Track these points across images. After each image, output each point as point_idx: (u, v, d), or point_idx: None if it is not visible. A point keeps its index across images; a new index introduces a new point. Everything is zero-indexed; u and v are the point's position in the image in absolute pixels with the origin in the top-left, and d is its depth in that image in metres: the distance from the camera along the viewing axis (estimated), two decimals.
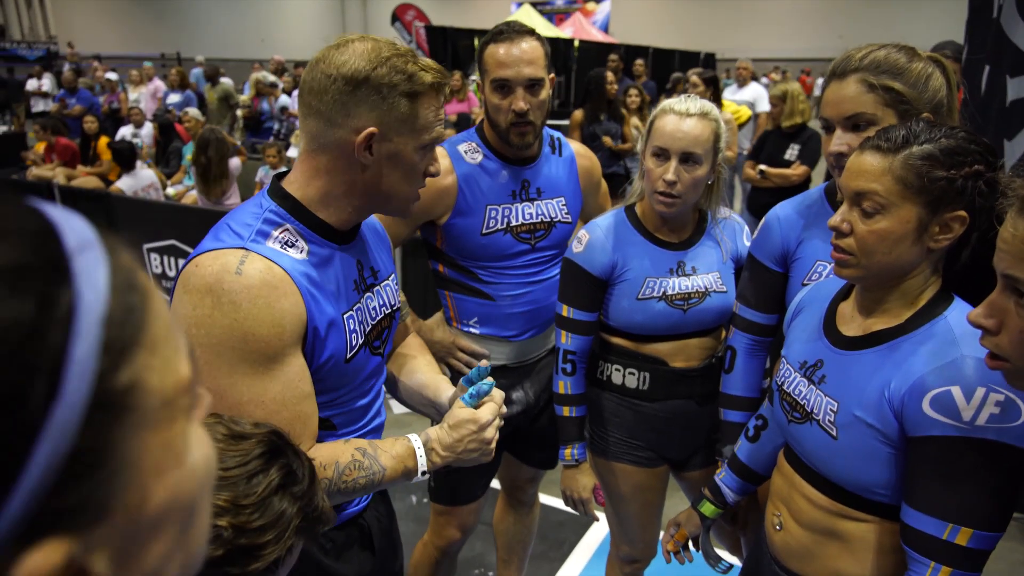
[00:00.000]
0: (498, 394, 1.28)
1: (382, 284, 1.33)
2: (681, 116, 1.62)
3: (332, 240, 1.20)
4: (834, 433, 1.16)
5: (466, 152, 1.88)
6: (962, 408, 1.02)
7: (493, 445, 1.24)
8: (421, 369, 1.49)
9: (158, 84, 10.28)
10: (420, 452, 1.20)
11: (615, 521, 1.96)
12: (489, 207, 1.86)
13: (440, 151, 1.88)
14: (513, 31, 1.80)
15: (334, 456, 1.14)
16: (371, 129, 1.11)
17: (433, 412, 1.44)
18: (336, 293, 1.18)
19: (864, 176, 1.11)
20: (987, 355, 0.92)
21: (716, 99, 5.37)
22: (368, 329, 1.26)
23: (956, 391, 1.02)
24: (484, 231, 1.86)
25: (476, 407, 1.24)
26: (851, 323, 1.22)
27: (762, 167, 4.75)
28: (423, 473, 1.20)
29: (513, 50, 1.77)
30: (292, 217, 1.16)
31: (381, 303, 1.32)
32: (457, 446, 1.21)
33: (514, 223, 1.88)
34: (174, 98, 9.30)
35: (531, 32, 1.82)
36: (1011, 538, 2.83)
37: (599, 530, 2.90)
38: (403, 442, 1.21)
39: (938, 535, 1.04)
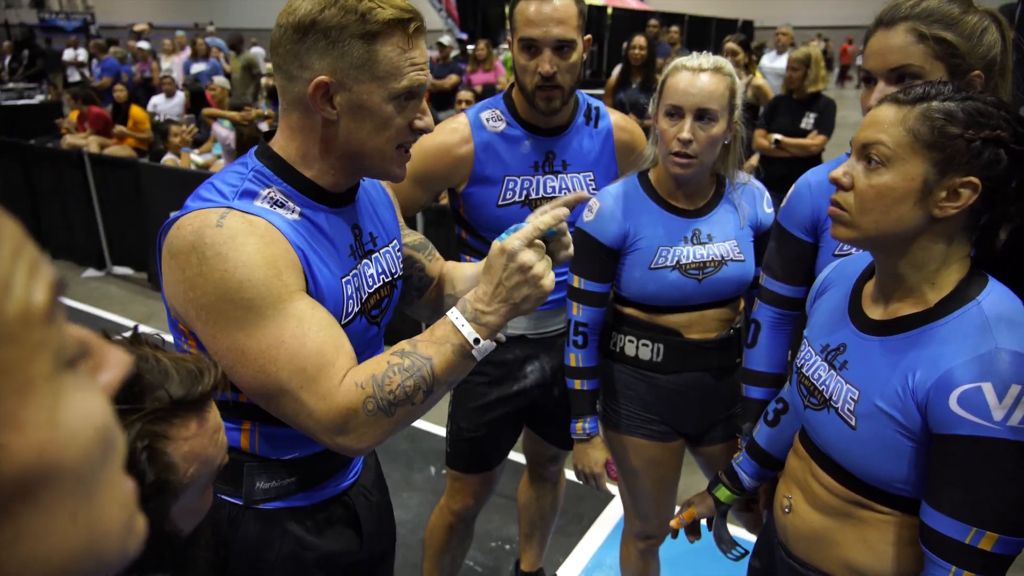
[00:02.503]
0: (544, 219, 1.04)
1: (381, 251, 1.26)
2: (694, 72, 1.55)
3: (324, 202, 1.13)
4: (853, 423, 1.08)
5: (488, 120, 1.81)
6: (993, 407, 0.93)
7: (540, 271, 1.00)
8: (465, 270, 1.40)
9: (189, 53, 10.32)
10: (460, 321, 1.02)
11: (628, 497, 1.92)
12: (508, 178, 1.80)
13: (462, 119, 1.82)
14: None
15: (370, 371, 1.01)
16: (321, 78, 1.01)
17: None
18: (331, 257, 1.12)
19: (876, 126, 1.03)
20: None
21: (751, 64, 5.21)
22: (365, 297, 1.19)
23: (987, 388, 0.93)
24: (500, 202, 1.81)
25: None
26: (876, 305, 1.13)
27: (777, 136, 4.56)
28: (476, 341, 1.01)
29: (544, 7, 1.65)
30: (279, 178, 1.10)
31: (380, 270, 1.24)
32: (500, 291, 1.01)
33: (533, 196, 1.81)
34: (200, 67, 9.31)
35: None
36: None
37: (618, 505, 2.86)
38: (442, 320, 1.04)
39: (960, 539, 0.96)
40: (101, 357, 0.38)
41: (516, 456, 2.45)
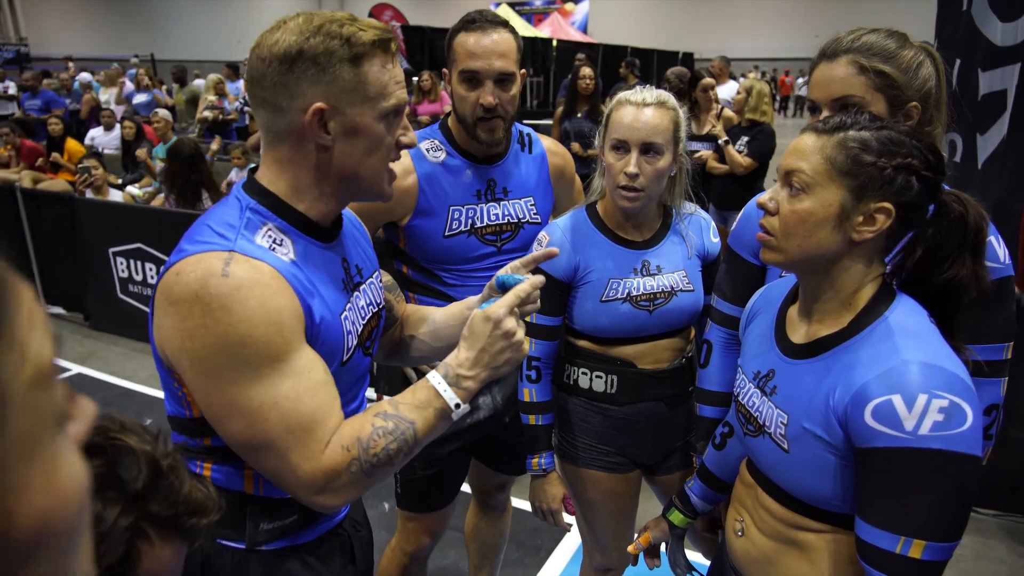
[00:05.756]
0: (524, 287, 1.12)
1: (367, 282, 1.27)
2: (639, 106, 1.58)
3: (317, 238, 1.13)
4: (786, 447, 1.11)
5: (428, 150, 1.80)
6: (904, 417, 0.96)
7: (521, 336, 1.09)
8: (433, 313, 1.44)
9: (126, 85, 10.12)
10: (442, 386, 1.06)
11: (587, 530, 1.91)
12: (452, 208, 1.79)
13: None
14: (486, 20, 1.72)
15: (355, 433, 1.03)
16: (318, 105, 1.03)
17: None
18: (329, 293, 1.12)
19: (797, 154, 1.09)
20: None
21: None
22: (360, 329, 1.20)
23: (897, 399, 0.97)
24: (447, 233, 1.79)
25: None
26: (799, 329, 1.17)
27: (721, 140, 5.00)
28: (457, 406, 1.06)
29: (484, 40, 1.69)
30: (274, 214, 1.09)
31: (368, 301, 1.25)
32: (482, 357, 1.07)
33: (479, 224, 1.82)
34: (141, 98, 9.13)
35: (504, 23, 1.74)
36: (991, 536, 2.81)
37: (575, 536, 2.84)
38: (422, 384, 1.08)
39: (891, 549, 0.99)
40: (73, 407, 0.38)
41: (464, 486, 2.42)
